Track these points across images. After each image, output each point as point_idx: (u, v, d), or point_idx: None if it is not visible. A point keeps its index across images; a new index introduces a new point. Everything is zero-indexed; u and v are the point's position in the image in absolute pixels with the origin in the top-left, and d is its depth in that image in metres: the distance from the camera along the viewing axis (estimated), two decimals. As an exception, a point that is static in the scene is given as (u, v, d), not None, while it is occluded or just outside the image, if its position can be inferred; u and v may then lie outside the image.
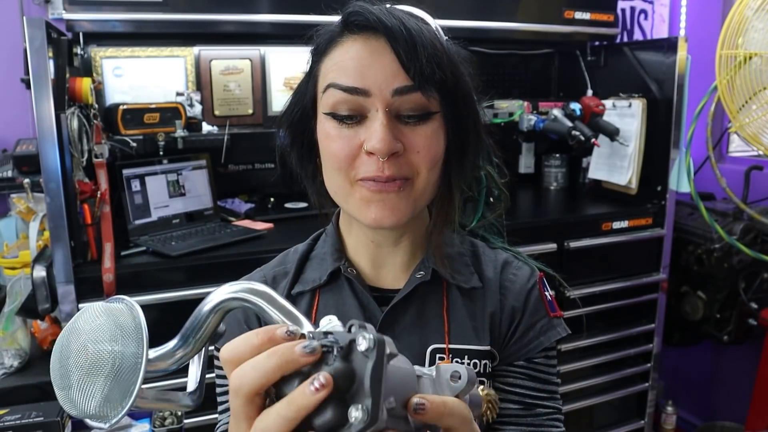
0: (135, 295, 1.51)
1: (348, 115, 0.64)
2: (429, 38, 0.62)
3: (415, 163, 0.65)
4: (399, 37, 0.61)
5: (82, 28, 1.72)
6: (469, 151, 0.70)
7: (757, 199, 2.19)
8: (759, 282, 2.14)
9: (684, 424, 2.62)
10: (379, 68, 0.62)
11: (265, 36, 2.01)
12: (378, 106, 0.63)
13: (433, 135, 0.65)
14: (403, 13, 0.64)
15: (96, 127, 1.57)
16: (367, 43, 0.63)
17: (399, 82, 0.62)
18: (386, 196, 0.65)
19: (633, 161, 2.11)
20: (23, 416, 1.23)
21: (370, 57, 0.63)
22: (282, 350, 0.40)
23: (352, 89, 0.63)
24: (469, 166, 0.71)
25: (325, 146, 0.67)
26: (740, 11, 1.64)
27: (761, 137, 1.70)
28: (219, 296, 0.47)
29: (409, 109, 0.64)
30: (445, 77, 0.63)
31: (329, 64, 0.66)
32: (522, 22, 2.13)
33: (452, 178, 0.70)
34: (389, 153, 0.62)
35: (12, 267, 1.68)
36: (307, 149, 0.73)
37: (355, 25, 0.64)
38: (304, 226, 0.83)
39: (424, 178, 0.66)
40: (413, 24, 0.62)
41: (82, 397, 0.43)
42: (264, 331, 0.43)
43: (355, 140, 0.64)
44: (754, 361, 2.15)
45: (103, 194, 1.56)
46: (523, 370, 0.75)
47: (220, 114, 2.04)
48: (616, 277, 2.07)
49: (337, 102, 0.64)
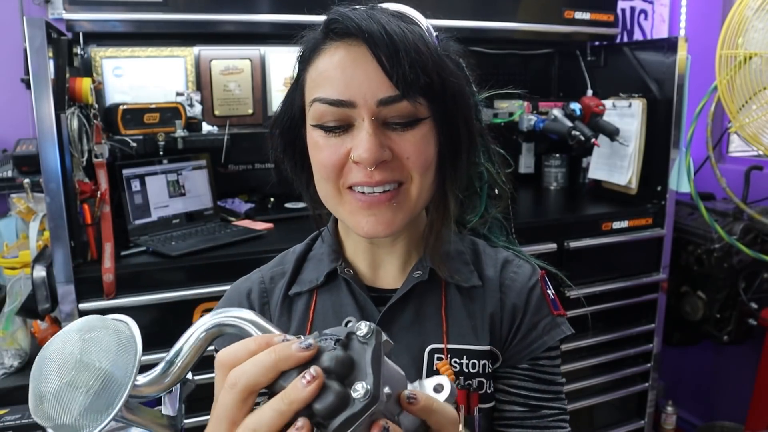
0: (135, 295, 1.51)
1: (335, 126, 0.63)
2: (412, 41, 0.60)
3: (406, 168, 0.64)
4: (380, 43, 0.59)
5: (82, 28, 1.72)
6: (462, 152, 0.69)
7: (757, 199, 2.19)
8: (759, 282, 2.14)
9: (684, 424, 2.62)
10: (363, 78, 0.61)
11: (265, 36, 2.01)
12: (364, 116, 0.62)
13: (422, 140, 0.64)
14: (386, 16, 0.62)
15: (96, 127, 1.57)
16: (350, 50, 0.62)
17: (383, 92, 0.61)
18: (377, 210, 0.64)
19: (633, 161, 2.11)
20: (23, 416, 1.23)
21: (353, 65, 0.62)
22: (280, 347, 0.42)
23: (337, 102, 0.62)
24: (463, 166, 0.70)
25: (313, 155, 0.67)
26: (740, 11, 1.64)
27: (761, 137, 1.70)
28: (207, 321, 0.49)
29: (397, 116, 0.63)
30: (431, 80, 0.61)
31: (314, 74, 0.65)
32: (522, 22, 2.13)
33: (447, 179, 0.69)
34: (376, 162, 0.61)
35: (12, 267, 1.68)
36: (300, 157, 0.72)
37: (335, 32, 0.63)
38: (304, 226, 0.83)
39: (417, 184, 0.65)
40: (395, 27, 0.60)
41: (58, 408, 0.42)
42: (262, 337, 0.45)
43: (342, 148, 0.63)
44: (754, 361, 2.15)
45: (103, 194, 1.56)
46: (527, 372, 0.74)
47: (220, 114, 2.04)
48: (616, 277, 2.07)
49: (323, 114, 0.63)
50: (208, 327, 0.49)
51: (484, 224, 0.85)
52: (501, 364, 0.74)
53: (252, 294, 0.78)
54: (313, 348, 0.41)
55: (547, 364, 0.75)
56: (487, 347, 0.72)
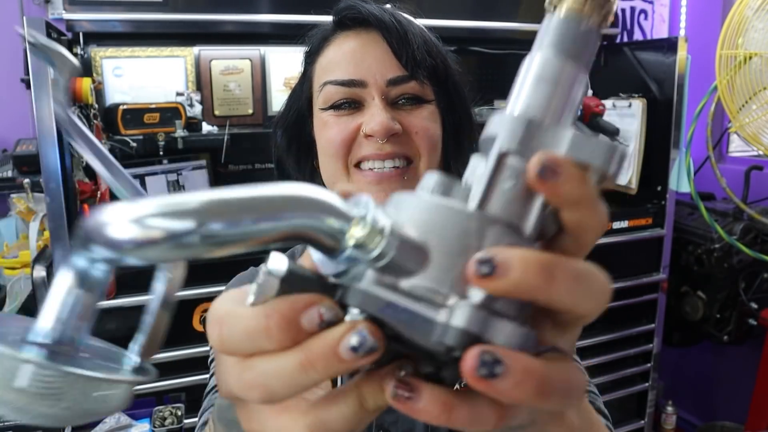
0: (135, 295, 1.51)
1: (345, 103, 0.65)
2: (418, 30, 0.66)
3: (415, 143, 0.65)
4: (391, 28, 0.63)
5: (82, 28, 1.72)
6: (464, 138, 0.72)
7: (757, 199, 2.19)
8: (759, 282, 2.14)
9: (684, 424, 2.62)
10: (373, 59, 0.64)
11: (265, 36, 2.01)
12: (374, 94, 0.64)
13: (430, 117, 0.67)
14: (392, 10, 0.67)
15: (96, 127, 1.57)
16: (360, 37, 0.66)
17: (393, 72, 0.64)
18: (387, 185, 0.63)
19: (633, 161, 2.10)
20: (23, 416, 1.23)
21: (363, 49, 0.65)
22: (315, 349, 0.25)
23: (348, 82, 0.64)
24: (465, 152, 0.73)
25: (321, 135, 0.67)
26: (740, 11, 1.64)
27: (761, 137, 1.70)
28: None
29: (405, 95, 0.66)
30: (435, 64, 0.66)
31: (323, 63, 0.67)
32: (522, 22, 2.13)
33: (451, 162, 0.71)
34: (388, 134, 0.63)
35: (12, 267, 1.68)
36: (305, 151, 0.73)
37: (349, 19, 0.66)
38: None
39: (425, 162, 0.66)
40: (402, 18, 0.65)
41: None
42: (284, 303, 0.25)
43: (352, 124, 0.65)
44: (754, 361, 2.15)
45: (103, 194, 1.56)
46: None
47: (220, 114, 2.04)
48: (616, 277, 2.06)
49: (333, 95, 0.65)
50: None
51: None
52: None
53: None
54: (378, 351, 0.25)
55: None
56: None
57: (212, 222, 0.24)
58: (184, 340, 1.58)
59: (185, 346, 1.58)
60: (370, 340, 0.25)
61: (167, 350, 1.56)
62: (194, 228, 0.24)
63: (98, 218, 0.25)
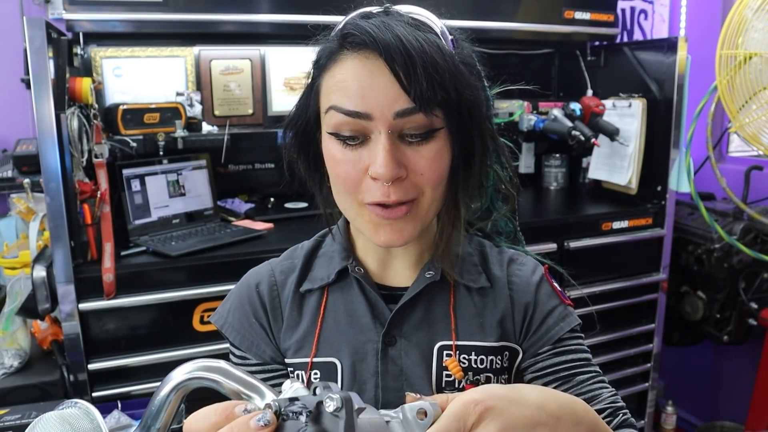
0: (135, 295, 1.52)
1: (351, 136, 0.64)
2: (429, 54, 0.60)
3: (419, 184, 0.65)
4: (397, 57, 0.59)
5: (82, 28, 1.72)
6: (475, 162, 0.70)
7: (757, 199, 2.19)
8: (759, 282, 2.14)
9: (684, 424, 2.62)
10: (380, 90, 0.61)
11: (265, 36, 2.01)
12: (381, 128, 0.62)
13: (437, 155, 0.65)
14: (402, 25, 0.62)
15: (96, 127, 1.57)
16: (367, 63, 0.62)
17: (400, 105, 0.61)
18: (394, 221, 0.66)
19: (633, 161, 2.11)
20: (23, 416, 1.23)
21: (369, 78, 0.62)
22: (238, 426, 0.42)
23: (354, 113, 0.62)
24: (475, 174, 0.72)
25: (331, 167, 0.68)
26: (740, 11, 1.64)
27: (761, 137, 1.70)
28: (175, 379, 0.47)
29: (413, 128, 0.63)
30: (447, 96, 0.61)
31: (330, 82, 0.65)
32: (522, 22, 2.13)
33: (459, 189, 0.71)
34: (392, 179, 0.62)
35: (12, 267, 1.68)
36: (314, 159, 0.74)
37: (350, 44, 0.63)
38: (304, 226, 0.84)
39: (429, 197, 0.67)
40: (412, 39, 0.60)
41: None
42: (223, 407, 0.44)
43: (360, 164, 0.64)
44: (754, 361, 2.15)
45: (103, 194, 1.56)
46: (551, 351, 0.75)
47: (220, 114, 2.04)
48: (616, 277, 2.07)
49: (339, 124, 0.64)
50: (177, 384, 0.47)
51: (489, 223, 0.86)
52: (524, 356, 0.76)
53: (261, 286, 0.79)
54: (272, 425, 0.41)
55: (571, 342, 0.75)
56: (497, 343, 0.74)
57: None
58: (184, 340, 1.58)
59: (185, 346, 1.58)
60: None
61: (167, 350, 1.56)
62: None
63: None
